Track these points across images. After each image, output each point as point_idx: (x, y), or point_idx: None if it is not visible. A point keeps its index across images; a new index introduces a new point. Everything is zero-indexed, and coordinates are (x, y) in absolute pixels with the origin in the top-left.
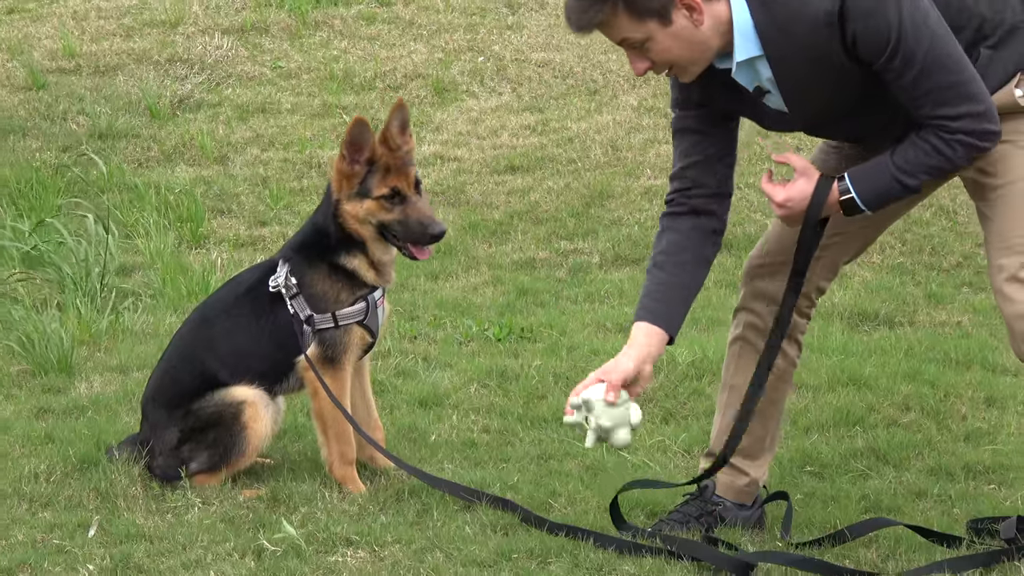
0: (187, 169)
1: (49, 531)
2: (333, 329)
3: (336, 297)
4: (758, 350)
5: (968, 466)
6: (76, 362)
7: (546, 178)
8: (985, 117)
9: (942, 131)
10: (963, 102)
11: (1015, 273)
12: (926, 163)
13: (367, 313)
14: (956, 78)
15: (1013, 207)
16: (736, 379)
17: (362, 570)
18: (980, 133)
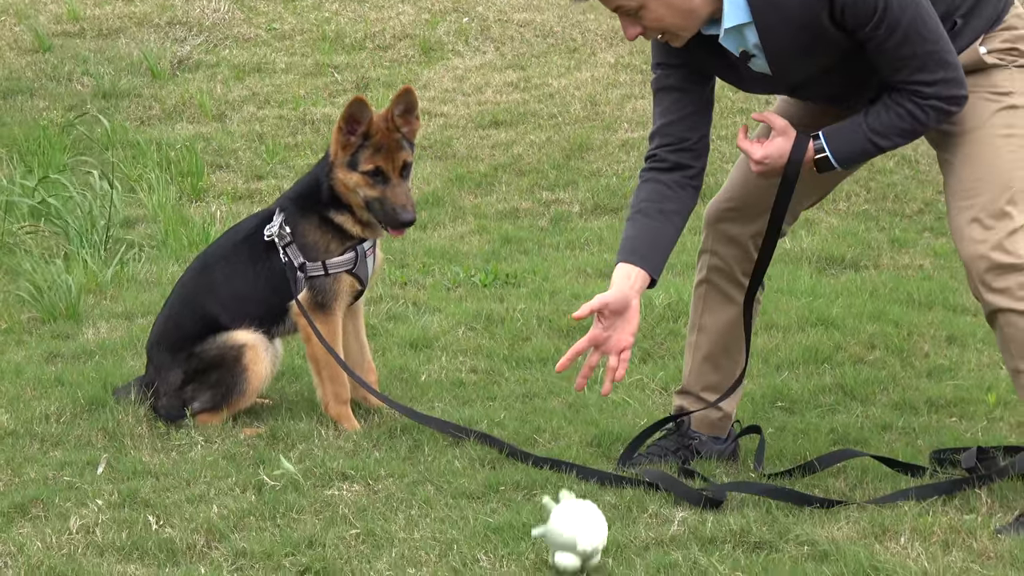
0: (187, 126)
1: (60, 469)
2: (323, 277)
3: (326, 247)
4: (722, 291)
5: (931, 400)
6: (83, 309)
7: (528, 132)
8: (957, 83)
9: (916, 96)
10: (939, 68)
11: (975, 215)
12: (899, 126)
13: (356, 262)
14: (933, 46)
15: (972, 153)
16: (703, 320)
17: (357, 503)
18: (951, 98)
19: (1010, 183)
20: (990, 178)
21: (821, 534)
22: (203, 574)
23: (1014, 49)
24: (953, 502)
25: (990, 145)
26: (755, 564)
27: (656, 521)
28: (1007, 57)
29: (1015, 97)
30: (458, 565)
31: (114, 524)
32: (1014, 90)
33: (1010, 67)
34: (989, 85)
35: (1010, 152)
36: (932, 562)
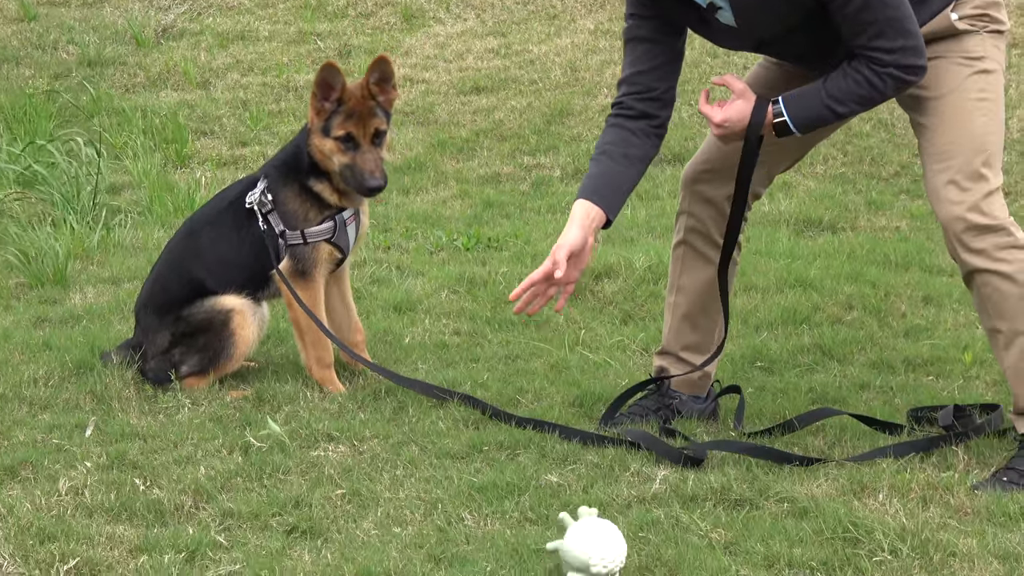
0: (171, 94)
1: (48, 432)
2: (303, 245)
3: (305, 216)
4: (699, 252)
5: (908, 359)
6: (70, 275)
7: (509, 98)
8: (916, 52)
9: (875, 63)
10: (899, 36)
11: (951, 177)
12: (857, 93)
13: (335, 232)
14: (894, 12)
15: (947, 117)
16: (682, 280)
17: (343, 463)
18: (910, 67)
19: (984, 146)
20: (965, 141)
21: (801, 491)
22: (191, 534)
23: (985, 15)
24: (930, 459)
25: (964, 109)
26: (736, 521)
27: (638, 480)
28: (978, 23)
29: (987, 62)
30: (443, 524)
31: (102, 486)
32: (985, 55)
33: (981, 32)
34: (961, 50)
35: (983, 116)
36: (910, 518)
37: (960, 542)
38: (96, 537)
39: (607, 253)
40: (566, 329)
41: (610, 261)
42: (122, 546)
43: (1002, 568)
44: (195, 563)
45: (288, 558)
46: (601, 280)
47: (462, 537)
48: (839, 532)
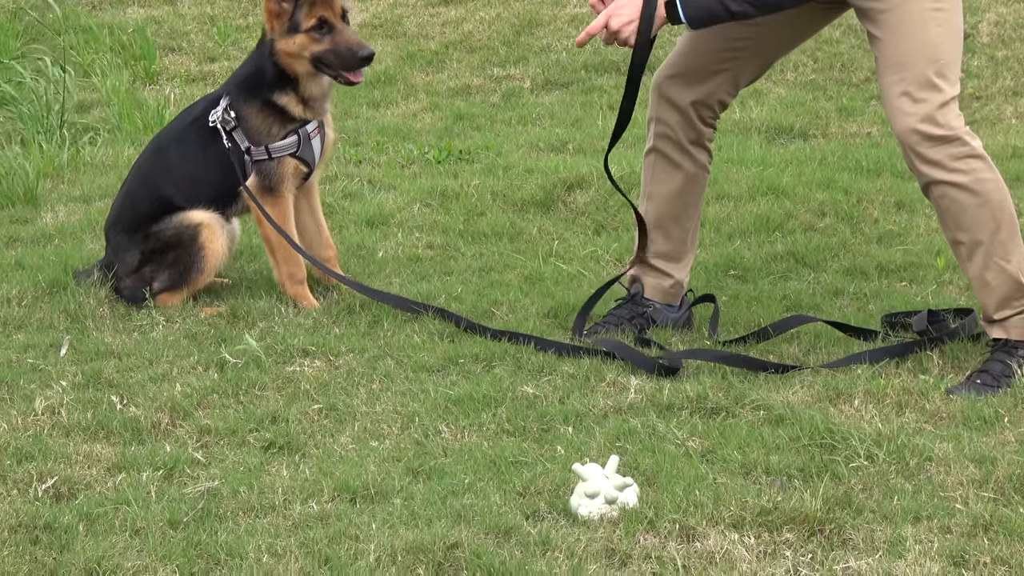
0: (138, 10)
1: (23, 351)
2: (268, 161)
3: (268, 131)
4: (669, 158)
5: (881, 265)
6: (41, 194)
7: (478, 9)
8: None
9: None
10: None
11: (905, 88)
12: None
13: (299, 146)
14: None
15: (899, 27)
16: (651, 188)
17: (319, 378)
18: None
19: (938, 56)
20: (918, 52)
21: (776, 399)
22: (168, 452)
23: None
24: (905, 365)
25: (917, 19)
26: (712, 429)
27: (614, 389)
28: None
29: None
30: (420, 437)
31: (79, 404)
32: None
33: None
34: None
35: (938, 26)
36: (886, 423)
37: (936, 447)
38: (74, 456)
39: (578, 164)
40: (539, 240)
41: (582, 172)
42: (100, 464)
43: (978, 472)
44: (173, 480)
45: (266, 473)
46: (573, 191)
47: (439, 450)
48: (815, 439)
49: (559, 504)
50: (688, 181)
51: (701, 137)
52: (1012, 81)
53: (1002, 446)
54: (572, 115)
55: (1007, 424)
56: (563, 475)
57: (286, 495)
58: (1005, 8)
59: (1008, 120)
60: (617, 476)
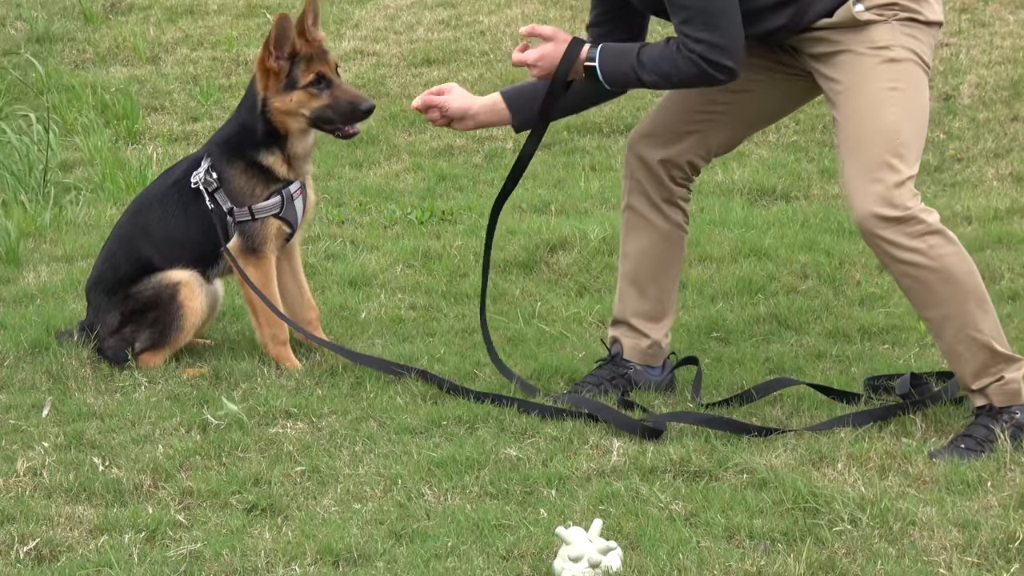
0: (121, 69)
1: (5, 412)
2: (251, 222)
3: (251, 192)
4: (643, 216)
5: (863, 328)
6: (23, 253)
7: (460, 70)
8: (722, 51)
9: (683, 46)
10: (706, 30)
11: (862, 170)
12: (661, 66)
13: (283, 206)
14: (708, 6)
15: (855, 109)
16: (627, 245)
17: (301, 440)
18: (713, 63)
19: (895, 136)
20: (872, 133)
21: (760, 462)
22: (151, 514)
23: (894, 4)
24: (888, 428)
25: (874, 99)
26: (695, 493)
27: (597, 452)
28: (886, 12)
29: (894, 50)
30: (403, 499)
31: (61, 466)
32: (893, 43)
33: (890, 21)
34: (868, 40)
35: (894, 106)
36: (869, 487)
37: (919, 511)
38: (55, 518)
39: (561, 225)
40: (522, 302)
41: (564, 233)
42: (82, 526)
43: (961, 536)
44: (155, 542)
45: (248, 536)
46: (556, 252)
47: (422, 512)
48: (799, 502)
49: (542, 568)
50: (662, 239)
51: (673, 196)
52: (993, 143)
53: (985, 510)
54: (555, 176)
55: (990, 488)
56: (546, 538)
57: (269, 558)
58: (986, 70)
59: (989, 182)
60: (600, 539)
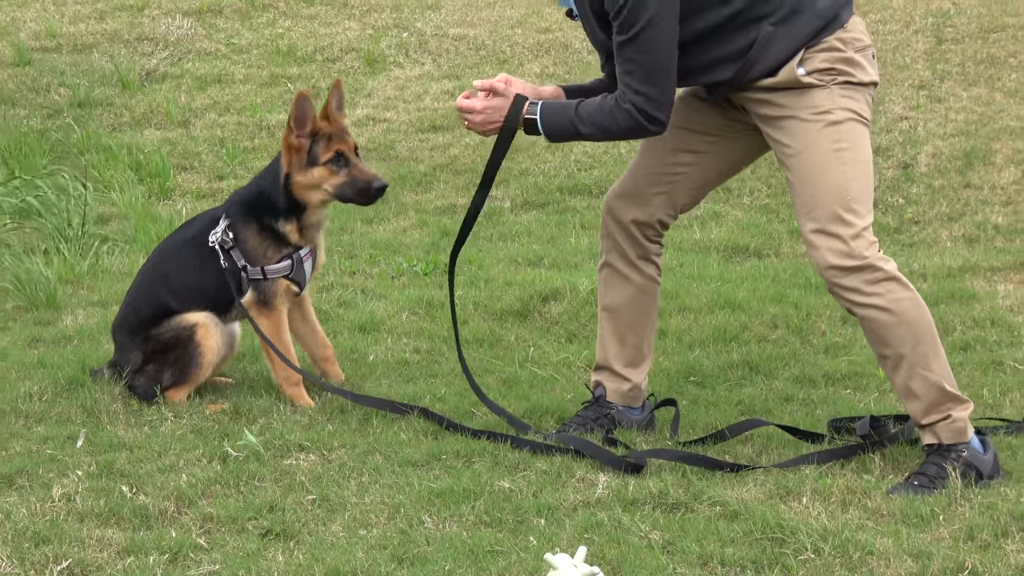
0: (154, 132)
1: (42, 443)
2: (263, 280)
3: (264, 253)
4: (619, 272)
5: (827, 374)
6: (62, 299)
7: (463, 136)
8: (657, 104)
9: (621, 98)
10: (646, 83)
11: (819, 226)
12: (597, 118)
13: (292, 269)
14: (650, 62)
15: (809, 170)
16: (606, 300)
17: (313, 471)
18: (648, 115)
19: (846, 191)
20: (825, 192)
21: (731, 495)
22: (174, 537)
23: (833, 69)
24: (849, 466)
25: (824, 160)
26: (673, 523)
27: (583, 485)
28: (825, 77)
29: (836, 113)
30: (405, 527)
31: (93, 492)
32: (833, 107)
33: (829, 86)
34: (810, 105)
35: (841, 164)
36: (831, 520)
37: (877, 542)
38: (87, 540)
39: (553, 277)
40: (516, 347)
41: (556, 285)
42: (111, 548)
43: (915, 565)
44: (178, 563)
45: (263, 559)
46: (548, 302)
47: (422, 539)
48: (767, 533)
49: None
50: (639, 292)
51: (647, 253)
52: (947, 207)
53: (937, 542)
54: (548, 233)
55: (942, 522)
56: (535, 564)
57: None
58: (942, 142)
59: (944, 243)
60: (585, 565)
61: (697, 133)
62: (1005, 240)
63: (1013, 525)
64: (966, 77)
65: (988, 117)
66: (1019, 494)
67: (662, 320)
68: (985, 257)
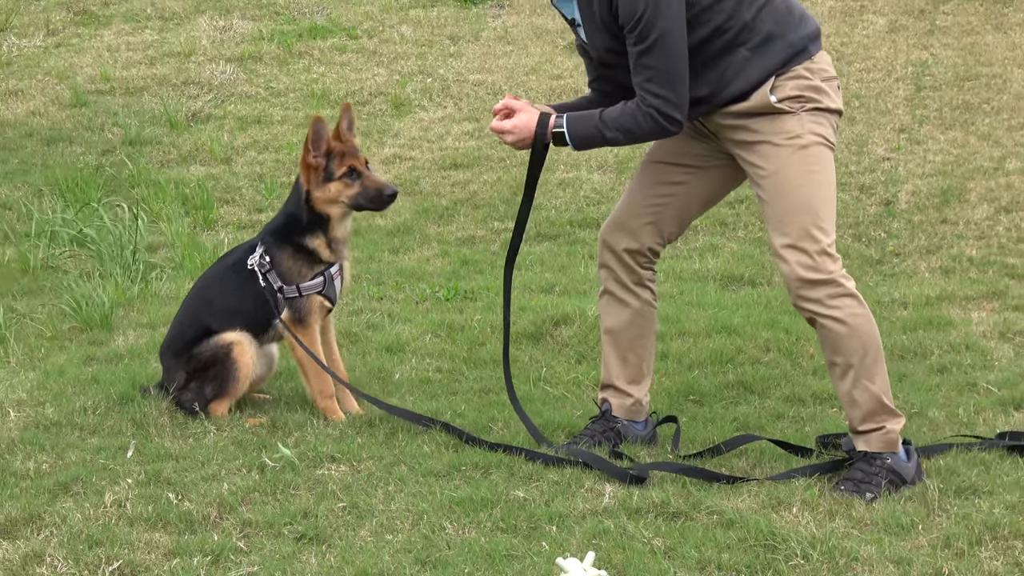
0: (199, 168)
1: (96, 453)
2: (298, 298)
3: (299, 272)
4: (617, 298)
5: (815, 394)
6: (115, 321)
7: (482, 173)
8: (675, 106)
9: (641, 101)
10: (665, 87)
11: (789, 242)
12: (621, 122)
13: (325, 285)
14: (668, 68)
15: (779, 191)
16: (607, 324)
17: (343, 480)
18: (668, 116)
19: (814, 211)
20: (795, 211)
21: (727, 505)
22: (216, 540)
23: (802, 96)
24: (836, 478)
25: (795, 181)
26: (673, 530)
27: (591, 495)
28: (795, 104)
29: (805, 138)
30: (428, 532)
31: (142, 499)
32: (803, 132)
33: (799, 112)
34: (782, 131)
35: (809, 186)
36: (819, 528)
37: (861, 549)
38: (136, 543)
39: (564, 303)
40: (530, 367)
41: (566, 310)
42: (158, 550)
43: (896, 571)
44: (219, 565)
45: (298, 561)
46: (559, 326)
47: (444, 543)
48: (760, 540)
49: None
50: (636, 315)
51: (641, 279)
52: (926, 241)
53: (917, 549)
54: (559, 262)
55: (921, 531)
56: (547, 567)
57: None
58: (920, 181)
59: (922, 274)
60: (593, 569)
61: (676, 166)
62: (978, 271)
63: (987, 534)
64: (943, 121)
65: (963, 158)
66: (991, 506)
67: (664, 343)
68: (960, 287)
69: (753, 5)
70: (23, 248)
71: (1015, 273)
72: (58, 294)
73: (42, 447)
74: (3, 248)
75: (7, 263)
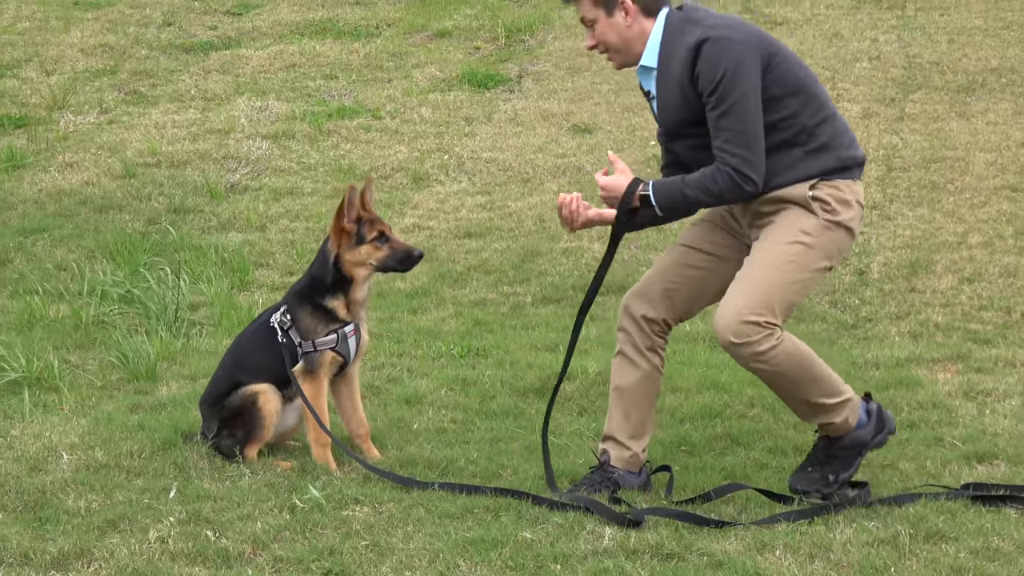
0: (237, 235)
1: (141, 493)
2: (313, 352)
3: (315, 328)
4: (630, 360)
5: (797, 447)
6: (159, 372)
7: (493, 241)
8: (752, 166)
9: (720, 162)
10: (742, 148)
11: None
12: (701, 182)
13: (337, 342)
14: (745, 129)
15: (761, 261)
16: (618, 381)
17: (366, 521)
18: (744, 175)
19: (774, 294)
20: (763, 285)
21: (717, 547)
22: (250, 575)
23: (830, 205)
24: (816, 524)
25: (775, 262)
26: (667, 570)
27: (592, 537)
28: (821, 208)
29: (810, 239)
30: (443, 569)
31: (183, 536)
32: (811, 234)
33: (819, 217)
34: (796, 224)
35: (784, 274)
36: (801, 570)
37: None
38: None
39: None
40: (536, 419)
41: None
42: None
43: None
44: None
45: None
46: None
47: None
48: None
49: None
50: (644, 378)
51: (654, 345)
52: (896, 308)
53: None
54: (562, 323)
55: (893, 573)
56: None
57: None
58: (891, 253)
59: (893, 337)
60: None
61: (700, 252)
62: (944, 336)
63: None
64: (912, 199)
65: (930, 233)
66: (957, 551)
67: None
68: (927, 350)
69: (817, 115)
70: (76, 306)
71: (977, 338)
72: (108, 348)
73: (92, 487)
74: (58, 305)
75: (62, 319)
